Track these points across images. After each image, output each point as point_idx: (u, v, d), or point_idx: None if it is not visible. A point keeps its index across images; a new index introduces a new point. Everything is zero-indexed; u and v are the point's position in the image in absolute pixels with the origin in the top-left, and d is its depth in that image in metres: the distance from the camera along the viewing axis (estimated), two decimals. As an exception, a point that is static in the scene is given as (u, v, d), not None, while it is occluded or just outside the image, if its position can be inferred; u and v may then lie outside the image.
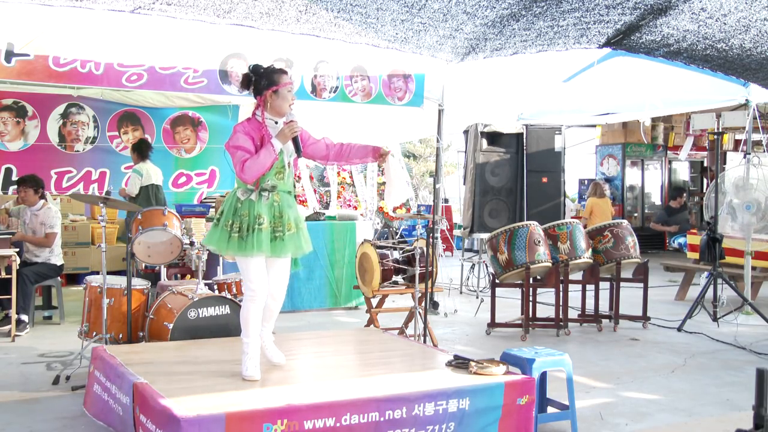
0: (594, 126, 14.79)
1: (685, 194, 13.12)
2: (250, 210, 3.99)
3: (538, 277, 7.25)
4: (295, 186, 4.26)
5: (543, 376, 4.40)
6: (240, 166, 3.92)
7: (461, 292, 9.66)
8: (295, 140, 4.03)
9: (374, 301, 6.77)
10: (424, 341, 5.93)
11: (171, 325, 5.08)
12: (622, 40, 5.81)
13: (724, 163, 14.39)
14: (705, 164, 15.53)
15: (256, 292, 4.07)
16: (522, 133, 9.54)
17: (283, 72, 4.10)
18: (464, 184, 9.84)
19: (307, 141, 4.23)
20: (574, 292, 7.73)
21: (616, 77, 10.09)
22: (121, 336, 5.43)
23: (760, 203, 7.60)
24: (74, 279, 9.36)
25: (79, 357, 5.35)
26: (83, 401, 4.55)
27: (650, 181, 15.56)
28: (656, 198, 15.63)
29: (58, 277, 7.31)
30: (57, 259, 7.21)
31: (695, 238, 9.14)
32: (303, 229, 4.17)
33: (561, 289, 7.05)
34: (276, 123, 4.09)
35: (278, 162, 4.03)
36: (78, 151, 10.00)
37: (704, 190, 14.91)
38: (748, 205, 7.59)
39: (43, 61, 6.27)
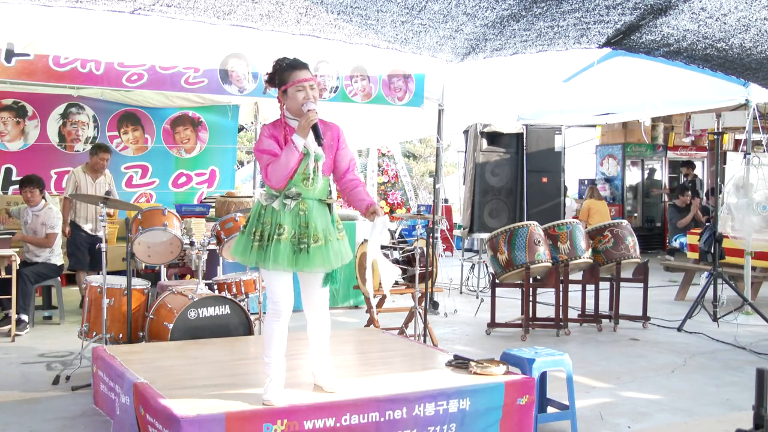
0: (594, 126, 14.79)
1: (688, 192, 13.05)
2: (272, 218, 3.66)
3: (538, 277, 7.25)
4: (330, 193, 3.85)
5: (543, 376, 4.40)
6: (264, 172, 3.63)
7: (461, 292, 9.66)
8: (314, 129, 3.63)
9: (374, 301, 6.77)
10: (424, 341, 5.93)
11: (171, 325, 5.08)
12: (622, 40, 5.81)
13: (724, 163, 14.40)
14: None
15: (280, 310, 3.71)
16: (522, 133, 9.54)
17: (294, 68, 3.70)
18: (464, 184, 9.84)
19: (340, 144, 3.83)
20: (574, 292, 7.73)
21: (616, 77, 10.09)
22: (121, 336, 5.42)
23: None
24: (74, 279, 9.35)
25: (79, 357, 5.35)
26: (93, 400, 4.55)
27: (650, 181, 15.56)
28: (656, 198, 15.61)
29: (58, 277, 7.31)
30: (57, 259, 7.21)
31: (695, 238, 9.14)
32: (333, 242, 3.74)
33: (561, 289, 7.05)
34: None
35: (305, 167, 3.66)
36: (78, 151, 9.99)
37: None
38: (764, 206, 7.60)
39: (44, 61, 6.27)
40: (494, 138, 9.48)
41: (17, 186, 7.89)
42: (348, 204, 3.93)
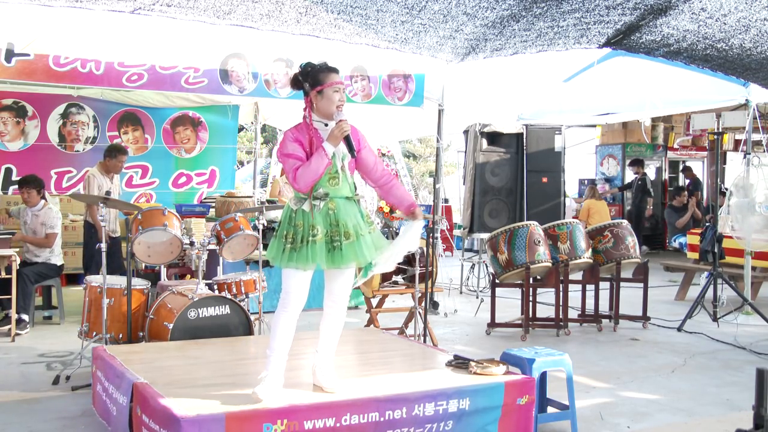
0: (594, 126, 14.78)
1: (685, 192, 13.11)
2: (304, 220, 3.74)
3: (538, 277, 7.25)
4: (355, 189, 3.93)
5: (543, 376, 4.40)
6: (292, 175, 3.71)
7: (461, 292, 9.66)
8: (347, 140, 3.76)
9: (374, 301, 6.77)
10: (424, 341, 5.93)
11: (171, 325, 5.08)
12: (622, 40, 5.81)
13: (724, 163, 14.40)
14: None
15: (289, 301, 3.77)
16: (522, 133, 9.54)
17: (330, 71, 3.86)
18: (464, 184, 9.84)
19: (361, 144, 3.93)
20: (574, 292, 7.73)
21: (616, 77, 10.10)
22: (121, 336, 5.42)
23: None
24: (74, 279, 9.36)
25: (79, 357, 5.35)
26: (92, 400, 4.56)
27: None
28: (656, 198, 15.60)
29: (58, 277, 7.31)
30: (57, 259, 7.21)
31: (695, 238, 9.15)
32: (365, 236, 3.83)
33: (561, 289, 7.05)
34: (326, 126, 3.82)
35: (331, 167, 3.75)
36: (78, 151, 10.00)
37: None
38: (765, 206, 7.60)
39: (44, 61, 6.27)
40: (494, 138, 9.48)
41: (17, 186, 7.89)
42: (386, 200, 4.01)
